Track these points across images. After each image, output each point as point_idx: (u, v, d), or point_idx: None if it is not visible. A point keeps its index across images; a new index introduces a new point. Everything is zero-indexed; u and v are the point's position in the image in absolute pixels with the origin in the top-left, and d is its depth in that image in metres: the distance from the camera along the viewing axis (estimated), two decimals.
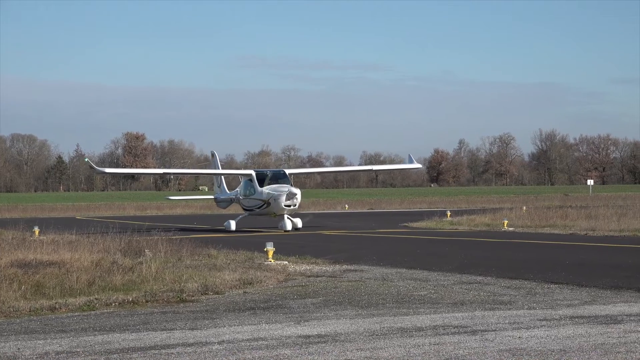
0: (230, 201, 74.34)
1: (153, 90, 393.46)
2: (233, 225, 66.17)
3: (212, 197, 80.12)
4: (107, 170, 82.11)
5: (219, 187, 77.05)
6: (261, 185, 66.01)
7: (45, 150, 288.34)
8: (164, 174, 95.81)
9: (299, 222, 65.49)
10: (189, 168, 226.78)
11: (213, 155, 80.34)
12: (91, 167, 71.79)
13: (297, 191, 64.67)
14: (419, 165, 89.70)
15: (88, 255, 34.35)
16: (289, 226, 63.67)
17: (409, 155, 78.77)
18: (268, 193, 64.65)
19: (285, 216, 64.40)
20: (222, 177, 77.05)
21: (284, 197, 63.46)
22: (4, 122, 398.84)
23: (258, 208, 66.44)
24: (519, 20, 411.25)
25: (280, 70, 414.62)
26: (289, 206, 64.08)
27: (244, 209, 69.25)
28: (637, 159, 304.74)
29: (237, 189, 72.06)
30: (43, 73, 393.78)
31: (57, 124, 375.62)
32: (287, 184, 65.78)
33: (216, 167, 79.48)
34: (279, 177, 67.59)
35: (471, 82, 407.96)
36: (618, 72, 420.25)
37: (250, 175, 68.48)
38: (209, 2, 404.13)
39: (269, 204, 64.68)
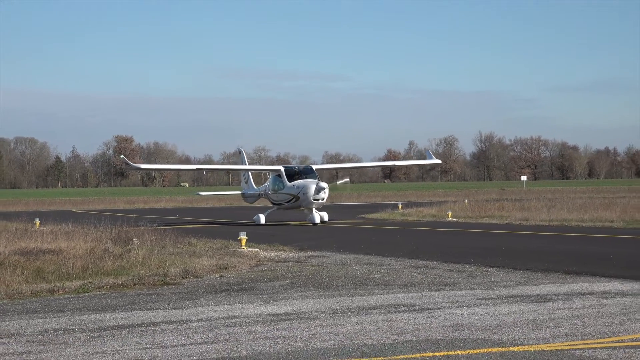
0: (257, 196, 69.30)
1: (140, 98, 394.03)
2: (262, 219, 61.61)
3: (240, 192, 73.92)
4: (142, 166, 75.11)
5: (246, 182, 71.55)
6: (290, 180, 61.72)
7: (45, 152, 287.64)
8: (197, 169, 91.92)
9: (325, 216, 61.10)
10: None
11: (240, 152, 75.57)
12: (126, 163, 66.11)
13: (326, 185, 60.69)
14: (439, 161, 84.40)
15: (83, 243, 34.23)
16: (317, 219, 59.44)
17: (428, 152, 76.78)
18: (297, 188, 60.70)
19: (314, 209, 60.21)
20: (250, 172, 71.79)
21: (312, 191, 59.57)
22: (8, 127, 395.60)
23: (287, 202, 62.21)
24: (462, 35, 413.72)
25: (253, 80, 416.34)
26: (318, 200, 60.02)
27: (273, 203, 64.45)
28: (565, 158, 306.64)
29: (266, 184, 66.32)
30: (43, 83, 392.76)
31: (56, 128, 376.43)
32: (315, 178, 61.56)
33: (243, 163, 74.34)
34: (307, 172, 62.94)
35: (420, 91, 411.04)
36: (549, 82, 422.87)
37: (279, 170, 63.87)
38: (190, 19, 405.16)
39: (298, 198, 60.78)
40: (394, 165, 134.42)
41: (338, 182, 79.35)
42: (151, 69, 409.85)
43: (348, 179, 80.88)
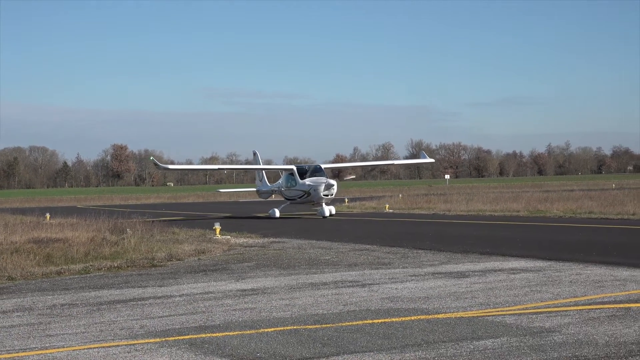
0: (271, 192, 65.89)
1: (134, 112, 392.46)
2: (277, 212, 58.46)
3: (255, 189, 70.48)
4: (170, 167, 75.82)
5: (260, 180, 67.79)
6: (302, 178, 58.60)
7: (54, 158, 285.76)
8: (219, 169, 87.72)
9: (332, 209, 58.23)
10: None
11: (255, 154, 70.33)
12: (155, 164, 60.81)
13: (334, 182, 57.69)
14: (432, 160, 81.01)
15: (85, 233, 34.06)
16: (326, 212, 56.54)
17: (422, 153, 75.01)
18: (309, 185, 57.53)
19: (323, 204, 57.19)
20: (264, 171, 67.72)
21: (322, 188, 56.69)
22: (24, 138, 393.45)
23: (299, 197, 58.77)
24: (398, 60, 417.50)
25: (228, 98, 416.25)
26: (327, 195, 56.96)
27: (286, 199, 60.81)
28: (480, 160, 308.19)
29: (279, 181, 63.06)
30: (54, 100, 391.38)
31: (63, 138, 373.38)
32: (323, 176, 58.45)
33: (258, 164, 69.77)
34: (317, 171, 59.46)
35: (363, 105, 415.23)
36: (468, 98, 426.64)
37: (292, 169, 60.44)
38: (177, 48, 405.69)
39: (309, 194, 57.55)
40: (392, 164, 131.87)
41: (345, 178, 78.92)
42: (144, 88, 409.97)
43: (354, 176, 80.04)
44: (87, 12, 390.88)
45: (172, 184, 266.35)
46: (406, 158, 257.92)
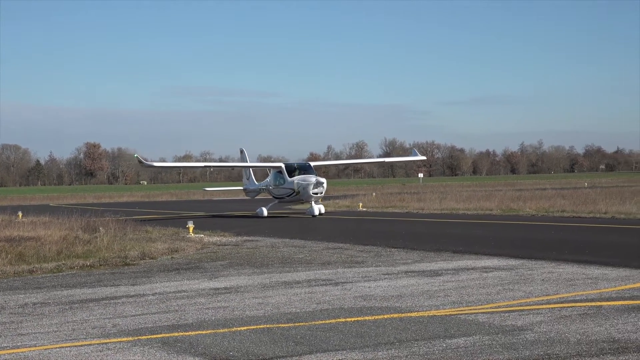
0: (258, 191, 64.32)
1: (107, 110, 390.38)
2: (265, 211, 57.03)
3: (242, 187, 68.48)
4: (156, 164, 71.13)
5: (247, 179, 66.28)
6: (290, 176, 56.84)
7: (27, 156, 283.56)
8: (205, 167, 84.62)
9: (322, 208, 56.52)
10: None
11: (242, 151, 67.01)
12: (140, 161, 57.64)
13: (324, 180, 55.83)
14: (424, 157, 78.22)
15: (57, 231, 33.89)
16: (316, 211, 54.93)
17: (414, 150, 74.26)
18: (297, 183, 55.70)
19: (313, 202, 55.69)
20: (251, 169, 65.98)
21: (312, 186, 54.96)
22: None
23: (288, 196, 57.07)
24: (371, 59, 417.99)
25: (200, 97, 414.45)
26: (317, 193, 55.40)
27: (274, 197, 58.94)
28: (454, 158, 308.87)
29: (267, 179, 61.22)
30: (26, 99, 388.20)
31: (36, 136, 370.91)
32: (312, 174, 56.81)
33: (245, 161, 66.69)
34: (305, 169, 57.97)
35: (336, 104, 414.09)
36: (441, 97, 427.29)
37: (280, 167, 58.48)
38: (150, 47, 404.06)
39: (298, 192, 55.85)
40: (384, 161, 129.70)
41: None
42: (117, 87, 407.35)
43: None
44: (59, 11, 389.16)
45: (146, 183, 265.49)
46: (380, 156, 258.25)
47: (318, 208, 55.60)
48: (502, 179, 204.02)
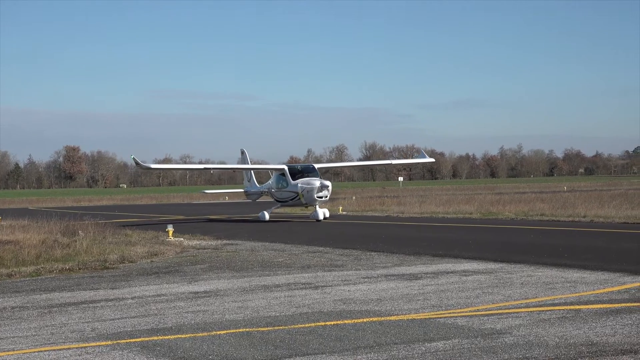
0: (260, 194, 62.58)
1: (86, 114, 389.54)
2: (267, 215, 55.41)
3: (243, 190, 66.38)
4: (152, 166, 65.89)
5: (248, 181, 64.13)
6: (293, 179, 55.11)
7: (6, 159, 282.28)
8: (204, 169, 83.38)
9: (326, 212, 54.54)
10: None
11: (243, 152, 64.29)
12: (137, 163, 53.81)
13: (329, 183, 54.36)
14: (432, 159, 73.91)
15: (36, 235, 33.79)
16: (320, 216, 53.33)
17: (422, 151, 73.22)
18: (301, 186, 54.02)
19: (317, 206, 54.12)
20: (252, 172, 63.79)
21: (316, 189, 53.28)
22: None
23: (291, 200, 55.45)
24: (350, 62, 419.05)
25: (181, 100, 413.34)
26: (321, 197, 53.73)
27: (277, 201, 57.33)
28: (433, 162, 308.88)
29: (269, 182, 59.35)
30: (5, 101, 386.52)
31: (15, 139, 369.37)
32: (317, 177, 55.05)
33: (246, 163, 64.30)
34: (309, 171, 56.11)
35: (316, 107, 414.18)
36: (421, 101, 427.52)
37: (283, 169, 56.57)
38: (129, 50, 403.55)
39: (301, 195, 54.16)
40: (391, 163, 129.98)
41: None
42: (96, 90, 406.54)
43: None
44: (37, 13, 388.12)
45: (125, 186, 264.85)
46: (360, 160, 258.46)
47: (322, 212, 54.11)
48: (482, 183, 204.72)
